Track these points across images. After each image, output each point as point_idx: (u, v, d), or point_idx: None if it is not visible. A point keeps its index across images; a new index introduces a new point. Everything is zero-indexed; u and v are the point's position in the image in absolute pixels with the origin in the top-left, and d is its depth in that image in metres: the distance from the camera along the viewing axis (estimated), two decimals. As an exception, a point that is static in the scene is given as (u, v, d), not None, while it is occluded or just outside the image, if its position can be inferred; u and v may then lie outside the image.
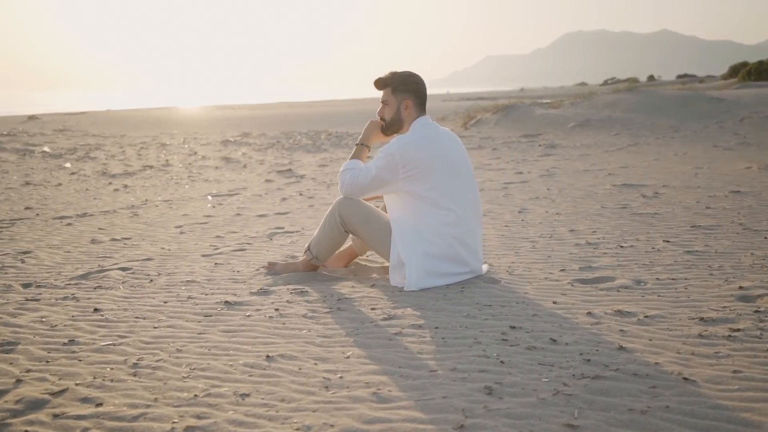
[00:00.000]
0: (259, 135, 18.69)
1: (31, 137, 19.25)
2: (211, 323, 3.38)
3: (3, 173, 11.00)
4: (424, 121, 3.95)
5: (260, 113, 31.92)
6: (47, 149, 15.15)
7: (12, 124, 25.15)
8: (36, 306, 3.79)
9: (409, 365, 2.74)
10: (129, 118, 29.70)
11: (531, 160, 10.75)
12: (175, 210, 7.19)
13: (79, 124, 25.57)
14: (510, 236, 5.15)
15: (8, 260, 4.95)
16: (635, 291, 3.62)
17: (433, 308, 3.45)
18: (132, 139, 18.24)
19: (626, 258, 4.32)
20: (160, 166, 11.66)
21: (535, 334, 3.02)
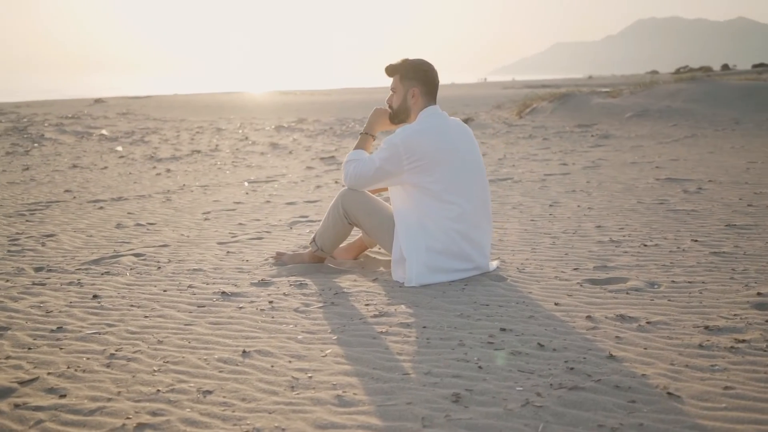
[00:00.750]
0: (313, 121, 18.71)
1: (94, 120, 19.72)
2: (201, 314, 3.34)
3: (56, 155, 11.26)
4: (432, 110, 3.81)
5: (320, 99, 32.01)
6: (105, 132, 15.47)
7: (78, 107, 25.82)
8: (40, 290, 3.81)
9: (383, 367, 2.64)
10: (192, 102, 30.14)
11: (580, 150, 10.45)
12: (208, 196, 7.21)
13: (143, 108, 26.06)
14: (533, 231, 4.97)
15: (30, 243, 5.02)
16: (645, 294, 3.43)
17: (428, 306, 3.34)
18: (190, 124, 18.47)
19: (646, 258, 4.11)
20: (208, 151, 11.76)
21: (525, 337, 2.87)
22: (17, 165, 9.98)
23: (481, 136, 13.03)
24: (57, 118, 20.45)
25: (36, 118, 20.26)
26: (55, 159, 10.72)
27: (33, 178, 8.58)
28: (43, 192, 7.52)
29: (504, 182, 7.43)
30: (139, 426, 2.22)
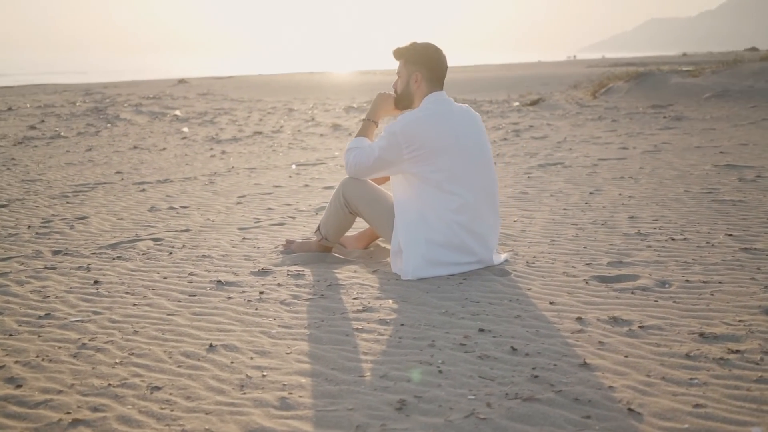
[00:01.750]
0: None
1: (173, 100, 20.20)
2: (188, 305, 3.31)
3: (123, 136, 11.56)
4: (436, 96, 3.66)
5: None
6: (178, 113, 15.79)
7: (161, 88, 26.51)
8: (48, 275, 3.87)
9: (343, 367, 2.54)
10: (272, 82, 30.49)
11: (647, 133, 10.00)
12: (251, 179, 7.23)
13: (224, 88, 26.53)
14: (561, 221, 4.76)
15: (60, 225, 5.13)
16: (651, 294, 3.21)
17: (416, 301, 3.21)
18: (264, 104, 18.66)
19: (669, 253, 3.86)
20: (269, 133, 11.84)
21: (501, 339, 2.72)
22: (83, 145, 10.28)
23: (548, 118, 12.67)
24: (139, 98, 21.05)
25: (119, 98, 20.91)
26: (120, 140, 11.00)
27: (91, 159, 8.82)
28: (95, 173, 7.71)
29: (552, 167, 7.17)
30: (74, 422, 2.20)
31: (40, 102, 19.90)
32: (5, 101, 20.52)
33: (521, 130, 11.01)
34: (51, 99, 21.21)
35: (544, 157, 7.92)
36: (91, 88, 27.34)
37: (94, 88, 27.40)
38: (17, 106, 18.18)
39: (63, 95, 23.39)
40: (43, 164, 8.43)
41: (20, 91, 27.62)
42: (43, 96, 23.00)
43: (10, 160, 8.81)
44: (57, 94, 24.56)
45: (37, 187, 6.85)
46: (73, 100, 20.60)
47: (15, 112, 16.51)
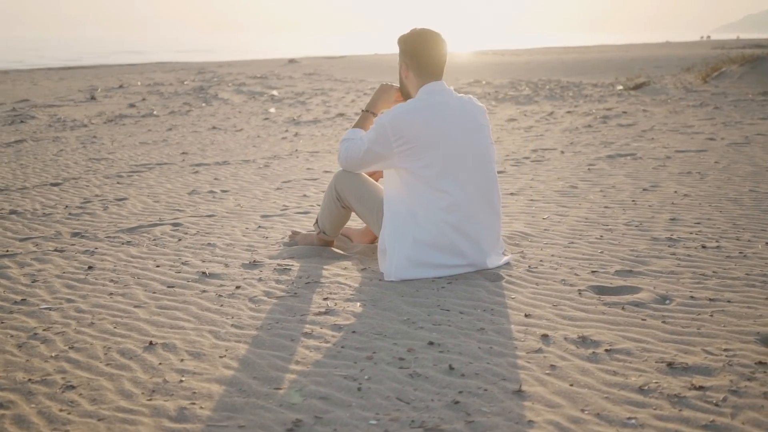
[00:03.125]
0: (487, 83, 18.20)
1: (278, 80, 20.53)
2: (160, 297, 3.26)
3: (209, 116, 11.79)
4: (432, 87, 3.43)
5: (524, 59, 31.04)
6: (276, 93, 15.99)
7: (271, 68, 27.03)
8: (52, 258, 3.93)
9: (265, 377, 2.41)
10: (383, 62, 30.47)
11: (746, 123, 9.26)
12: (308, 163, 7.18)
13: (332, 68, 26.75)
14: (593, 221, 4.42)
15: (96, 206, 5.23)
16: (642, 311, 2.89)
17: (384, 306, 3.03)
18: (365, 85, 18.63)
19: (691, 263, 3.49)
20: (352, 114, 11.78)
21: (445, 356, 2.51)
22: (167, 125, 10.55)
23: (647, 103, 11.99)
24: (246, 77, 21.53)
25: (227, 77, 21.46)
26: (205, 120, 11.22)
27: (166, 139, 9.02)
28: (162, 153, 7.86)
29: (621, 159, 6.73)
30: (-31, 419, 2.17)
31: (153, 80, 20.70)
32: (120, 78, 21.48)
33: (611, 116, 10.46)
34: (164, 77, 22.03)
35: (618, 148, 7.45)
36: (206, 67, 28.23)
37: (209, 67, 28.28)
38: (129, 84, 18.98)
39: (178, 73, 24.26)
40: (118, 143, 8.69)
41: (142, 68, 28.90)
42: (160, 74, 23.93)
43: (92, 138, 9.14)
44: (173, 72, 25.51)
45: (99, 166, 7.06)
46: (184, 78, 21.31)
47: (124, 90, 17.23)
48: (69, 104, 13.86)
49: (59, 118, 11.28)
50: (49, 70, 30.74)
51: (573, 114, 11.05)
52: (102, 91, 16.81)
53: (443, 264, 3.36)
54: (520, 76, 20.33)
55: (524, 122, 10.34)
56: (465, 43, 74.28)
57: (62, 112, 12.17)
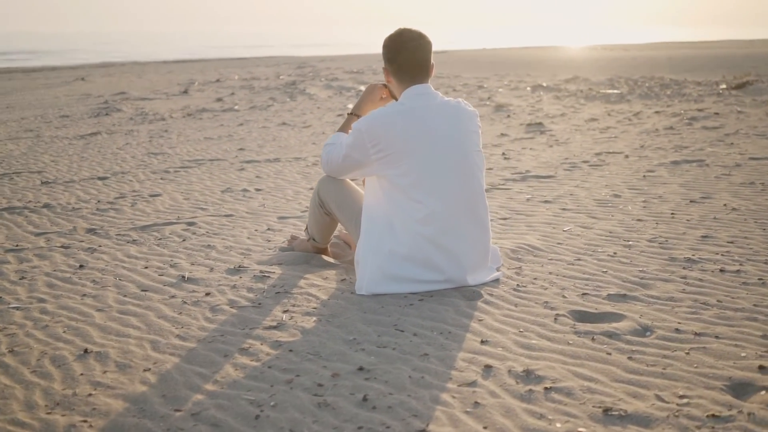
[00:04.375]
0: (584, 80, 17.56)
1: (373, 75, 20.53)
2: (128, 301, 3.23)
3: (286, 112, 11.87)
4: (414, 91, 3.24)
5: (631, 54, 29.90)
6: (363, 89, 15.97)
7: (371, 62, 27.08)
8: (52, 254, 3.98)
9: (173, 396, 2.31)
10: (484, 57, 30.05)
11: None
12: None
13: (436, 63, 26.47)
14: (617, 234, 4.09)
15: (126, 202, 5.30)
16: (612, 344, 2.61)
17: (338, 323, 2.87)
18: (457, 81, 18.35)
19: (698, 289, 3.15)
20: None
21: (367, 385, 2.33)
22: (240, 120, 10.67)
23: (746, 104, 11.20)
24: (343, 72, 21.68)
25: (322, 72, 21.67)
26: (281, 115, 11.29)
27: (231, 135, 9.11)
28: (219, 149, 7.93)
29: (685, 166, 6.26)
30: None
31: (252, 74, 21.14)
32: (221, 72, 22.06)
33: (699, 117, 9.82)
34: (264, 72, 22.47)
35: (689, 153, 6.95)
36: (308, 62, 28.65)
37: (310, 62, 28.69)
38: (226, 78, 19.45)
39: (279, 68, 24.69)
40: (184, 137, 8.85)
41: (246, 63, 29.61)
42: (262, 69, 24.43)
43: (163, 132, 9.36)
44: (275, 66, 26.00)
45: (153, 160, 7.18)
46: (282, 73, 21.66)
47: (219, 84, 17.66)
48: (161, 97, 14.30)
49: (143, 111, 11.63)
50: (164, 63, 32.02)
51: (661, 114, 10.46)
52: (198, 85, 17.28)
53: (418, 279, 3.16)
54: (622, 73, 19.50)
55: (604, 122, 9.86)
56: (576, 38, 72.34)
57: (149, 106, 12.56)
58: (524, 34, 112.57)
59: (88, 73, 22.79)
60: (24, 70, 27.37)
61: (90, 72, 23.98)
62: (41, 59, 40.20)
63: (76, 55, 44.93)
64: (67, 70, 26.98)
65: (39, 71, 26.40)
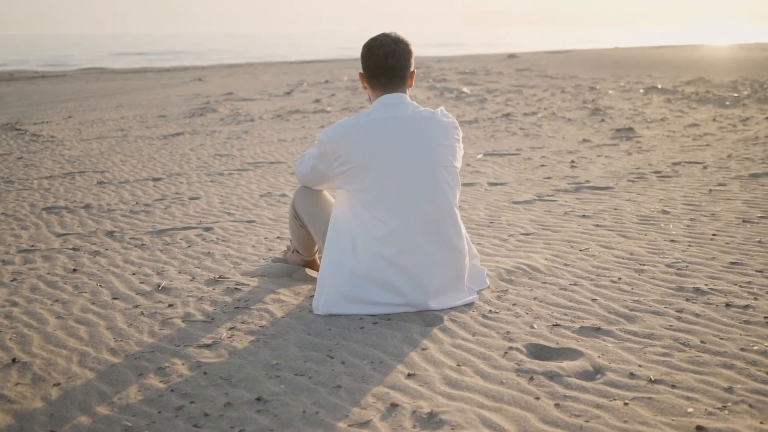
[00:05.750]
0: (705, 82, 16.51)
1: (485, 76, 20.18)
2: (94, 309, 3.22)
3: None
4: (384, 100, 3.05)
5: (758, 54, 27.96)
6: (467, 90, 15.69)
7: (487, 63, 26.65)
8: (58, 256, 4.05)
9: (59, 417, 2.25)
10: (609, 57, 28.89)
11: None
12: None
13: (549, 63, 25.82)
14: (634, 258, 3.72)
15: (161, 205, 5.36)
16: (548, 387, 2.34)
17: (272, 345, 2.74)
18: (570, 82, 17.68)
19: (687, 326, 2.80)
20: (519, 115, 11.19)
21: (253, 418, 2.19)
22: (323, 122, 10.69)
23: None
24: (455, 73, 21.43)
25: (433, 72, 21.50)
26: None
27: (305, 137, 9.11)
28: (287, 152, 7.93)
29: (761, 180, 5.69)
30: None
31: (356, 76, 21.26)
32: (334, 73, 22.32)
33: (812, 125, 8.96)
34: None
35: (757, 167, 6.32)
36: (425, 62, 28.53)
37: (428, 62, 28.58)
38: (335, 79, 19.64)
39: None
40: (258, 139, 8.93)
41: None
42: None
43: (243, 133, 9.50)
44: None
45: (215, 162, 7.28)
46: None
47: (327, 85, 17.85)
48: (263, 98, 14.59)
49: (237, 112, 11.88)
50: (287, 63, 32.85)
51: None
52: (305, 86, 17.53)
53: (376, 301, 2.97)
54: (751, 75, 18.20)
55: (704, 128, 9.18)
56: (719, 37, 68.48)
57: (246, 107, 12.83)
58: (669, 33, 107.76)
59: (207, 74, 23.65)
60: (156, 70, 28.80)
61: (209, 73, 24.87)
62: (180, 59, 42.31)
63: (210, 56, 46.93)
64: (195, 70, 28.15)
65: (170, 71, 27.70)
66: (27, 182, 6.31)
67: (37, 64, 37.30)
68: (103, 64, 36.09)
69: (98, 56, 48.58)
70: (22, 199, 5.60)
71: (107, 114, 11.98)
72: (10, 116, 11.78)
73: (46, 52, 57.78)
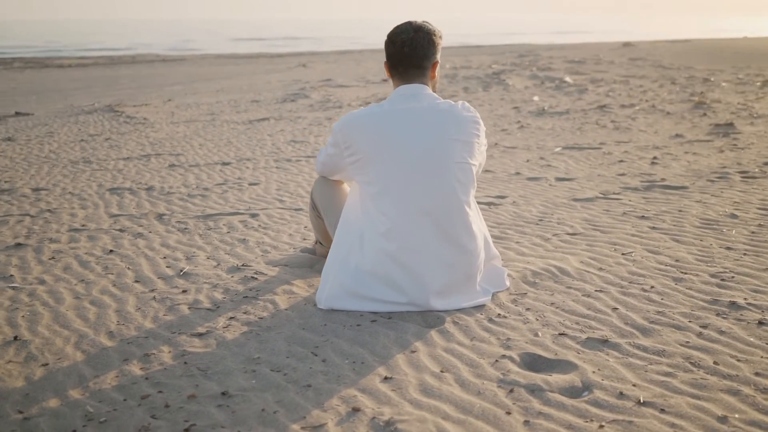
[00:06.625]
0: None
1: (595, 65, 19.53)
2: (109, 291, 3.28)
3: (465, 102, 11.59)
4: (401, 91, 2.96)
5: None
6: (569, 80, 15.22)
7: (599, 51, 25.76)
8: (101, 236, 4.16)
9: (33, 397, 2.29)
10: (728, 48, 27.32)
11: None
12: (494, 159, 6.70)
13: (666, 53, 24.69)
14: (682, 264, 3.46)
15: (219, 190, 5.43)
16: (526, 402, 2.19)
17: (263, 338, 2.70)
18: (688, 73, 16.87)
19: (707, 344, 2.57)
20: (616, 106, 10.72)
21: (209, 413, 2.16)
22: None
23: None
24: (563, 62, 20.83)
25: (540, 60, 20.99)
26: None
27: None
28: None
29: None
30: None
31: (468, 62, 21.00)
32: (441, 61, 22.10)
33: None
34: (480, 60, 22.23)
35: None
36: (535, 50, 27.90)
37: (538, 50, 27.92)
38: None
39: (499, 57, 24.31)
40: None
41: (471, 51, 29.52)
42: (479, 57, 24.20)
43: (326, 120, 9.54)
44: (497, 55, 25.64)
45: (288, 148, 7.33)
46: (496, 61, 21.29)
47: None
48: (359, 85, 14.64)
49: (328, 98, 11.96)
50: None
51: None
52: (405, 73, 17.44)
53: (378, 298, 2.88)
54: None
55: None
56: None
57: (339, 93, 12.89)
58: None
59: (314, 60, 23.98)
60: (269, 56, 29.49)
61: (316, 59, 25.20)
62: (296, 45, 43.13)
63: (328, 42, 47.61)
64: (306, 56, 28.61)
65: (282, 57, 28.28)
66: (104, 163, 6.56)
67: (161, 49, 38.96)
68: (221, 50, 37.25)
69: (218, 42, 50.22)
70: (93, 180, 5.81)
71: (205, 98, 12.32)
72: (115, 98, 12.31)
73: (170, 36, 60.27)
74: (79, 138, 8.02)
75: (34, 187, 5.55)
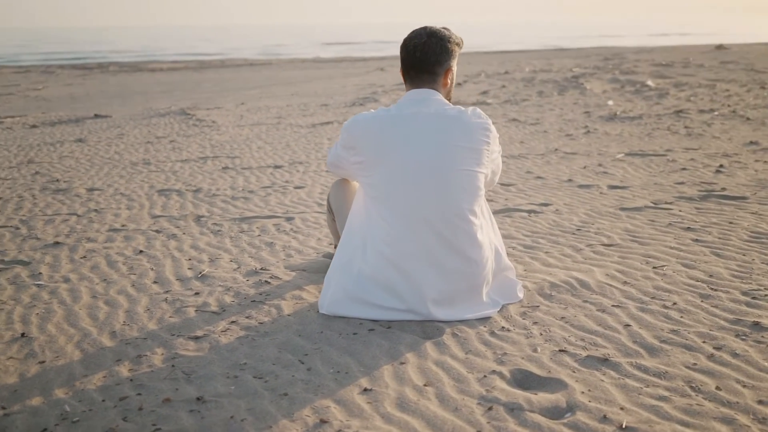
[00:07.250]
0: None
1: (683, 68, 18.88)
2: (126, 292, 3.34)
3: (535, 106, 11.38)
4: (410, 96, 2.93)
5: None
6: (650, 83, 14.74)
7: (690, 54, 24.85)
8: (137, 237, 4.25)
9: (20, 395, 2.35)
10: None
11: None
12: (550, 166, 6.54)
13: (761, 57, 23.61)
14: (716, 279, 3.27)
15: (263, 192, 5.48)
16: (502, 422, 2.10)
17: (257, 343, 2.69)
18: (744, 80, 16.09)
19: (715, 368, 2.41)
20: (694, 111, 10.30)
21: (179, 418, 2.17)
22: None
23: None
24: (649, 65, 20.21)
25: (624, 64, 20.41)
26: (524, 110, 10.85)
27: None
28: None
29: None
30: None
31: (549, 65, 20.63)
32: (519, 63, 21.83)
33: None
34: (563, 63, 21.79)
35: None
36: (623, 53, 27.15)
37: (625, 53, 27.17)
38: (514, 70, 19.20)
39: (584, 60, 23.77)
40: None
41: (553, 54, 28.98)
42: (561, 60, 23.72)
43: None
44: (582, 58, 25.07)
45: (343, 152, 7.33)
46: (582, 64, 20.83)
47: (506, 76, 17.50)
48: (433, 89, 14.54)
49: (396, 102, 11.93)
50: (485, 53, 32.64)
51: None
52: (483, 76, 17.30)
53: (379, 304, 2.83)
54: None
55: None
56: None
57: (410, 97, 12.84)
58: None
59: (392, 64, 24.00)
60: (352, 59, 29.75)
61: (394, 63, 25.22)
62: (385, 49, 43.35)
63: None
64: (389, 60, 28.73)
65: (365, 60, 28.48)
66: (162, 164, 6.72)
67: (251, 53, 39.85)
68: (308, 54, 37.82)
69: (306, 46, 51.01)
70: (147, 181, 5.96)
71: (277, 102, 12.51)
72: (191, 101, 12.64)
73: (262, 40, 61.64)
74: (146, 140, 8.25)
75: (89, 187, 5.73)
